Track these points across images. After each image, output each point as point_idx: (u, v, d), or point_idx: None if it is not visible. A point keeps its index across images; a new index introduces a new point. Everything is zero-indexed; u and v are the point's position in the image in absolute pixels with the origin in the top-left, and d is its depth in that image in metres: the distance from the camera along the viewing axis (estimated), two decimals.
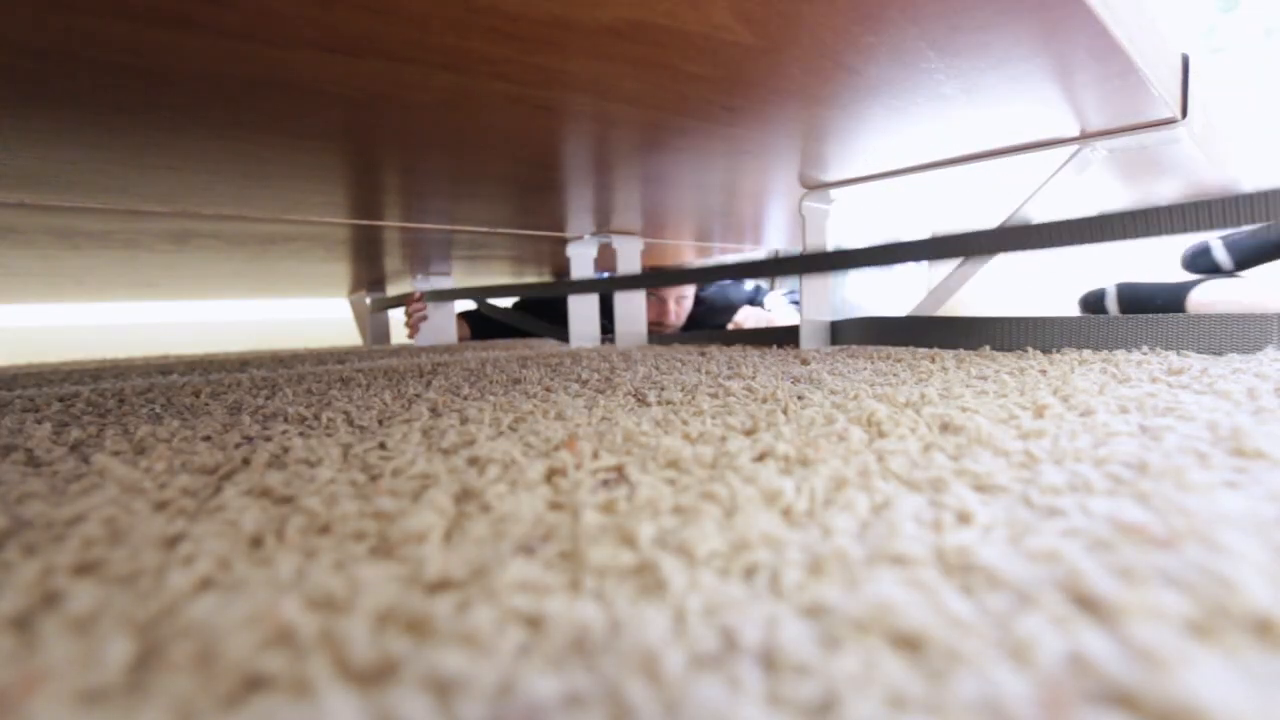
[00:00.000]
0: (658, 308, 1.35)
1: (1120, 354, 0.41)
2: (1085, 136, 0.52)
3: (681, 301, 1.38)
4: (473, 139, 0.46)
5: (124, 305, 1.60)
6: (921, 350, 0.54)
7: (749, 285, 1.51)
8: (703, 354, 0.57)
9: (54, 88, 0.32)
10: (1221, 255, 0.88)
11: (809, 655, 0.09)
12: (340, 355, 0.88)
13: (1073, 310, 1.00)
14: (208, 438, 0.25)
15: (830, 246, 0.74)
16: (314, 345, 1.36)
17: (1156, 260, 0.99)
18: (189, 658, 0.10)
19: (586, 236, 0.92)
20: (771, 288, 1.66)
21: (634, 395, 0.32)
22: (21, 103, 0.34)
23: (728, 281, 1.51)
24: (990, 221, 0.65)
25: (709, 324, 1.44)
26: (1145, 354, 0.40)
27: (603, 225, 0.86)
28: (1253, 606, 0.10)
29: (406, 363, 0.64)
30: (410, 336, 1.32)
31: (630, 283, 0.88)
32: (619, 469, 0.18)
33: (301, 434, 0.26)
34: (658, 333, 1.33)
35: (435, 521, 0.14)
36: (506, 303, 1.56)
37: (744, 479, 0.17)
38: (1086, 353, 0.43)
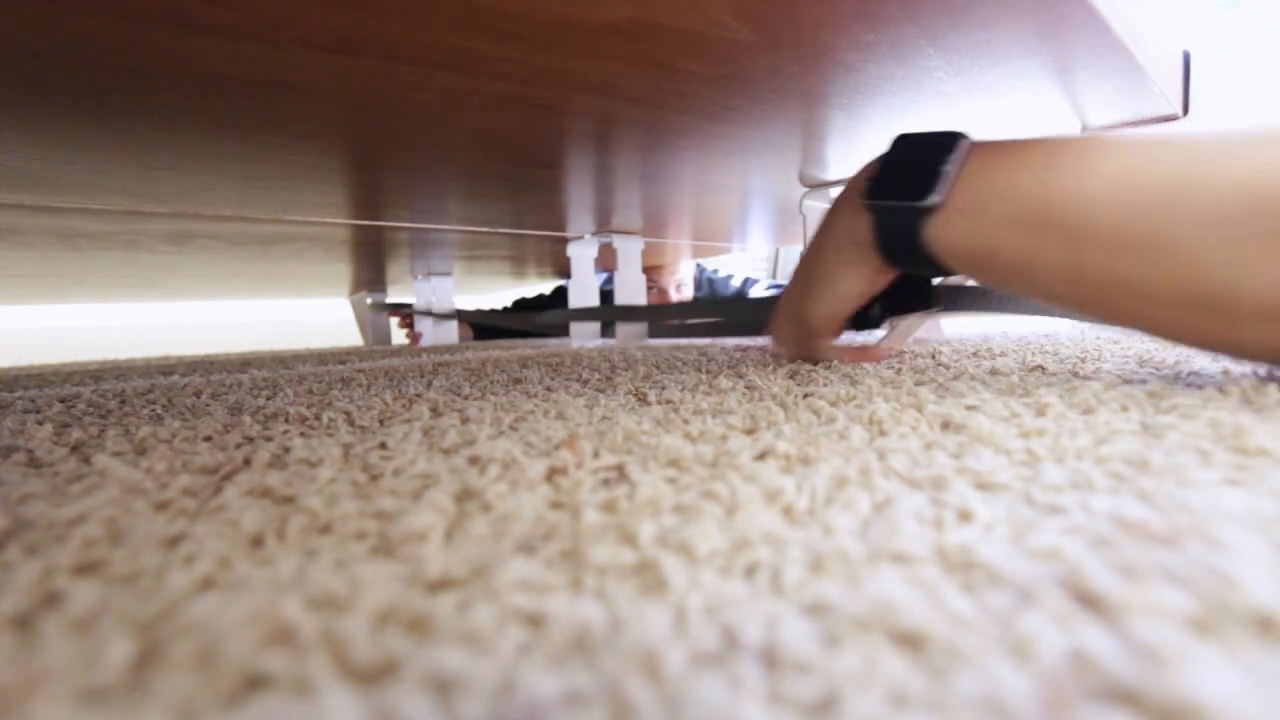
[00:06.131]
0: (659, 299, 1.35)
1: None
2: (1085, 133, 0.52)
3: (681, 288, 1.38)
4: (473, 139, 0.46)
5: (125, 306, 1.60)
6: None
7: (735, 282, 1.51)
8: (702, 353, 0.57)
9: (54, 88, 0.32)
10: None
11: (810, 653, 0.09)
12: (341, 355, 0.88)
13: None
14: (209, 438, 0.25)
15: None
16: (315, 345, 1.36)
17: None
18: (190, 657, 0.10)
19: (587, 236, 0.92)
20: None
21: (634, 394, 0.32)
22: (21, 103, 0.34)
23: (716, 279, 1.51)
24: None
25: None
26: None
27: (603, 225, 0.86)
28: (1255, 603, 0.10)
29: (407, 363, 0.64)
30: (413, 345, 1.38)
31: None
32: (620, 468, 0.18)
33: (302, 434, 0.26)
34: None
35: (436, 521, 0.14)
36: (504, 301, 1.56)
37: (745, 477, 0.17)
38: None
